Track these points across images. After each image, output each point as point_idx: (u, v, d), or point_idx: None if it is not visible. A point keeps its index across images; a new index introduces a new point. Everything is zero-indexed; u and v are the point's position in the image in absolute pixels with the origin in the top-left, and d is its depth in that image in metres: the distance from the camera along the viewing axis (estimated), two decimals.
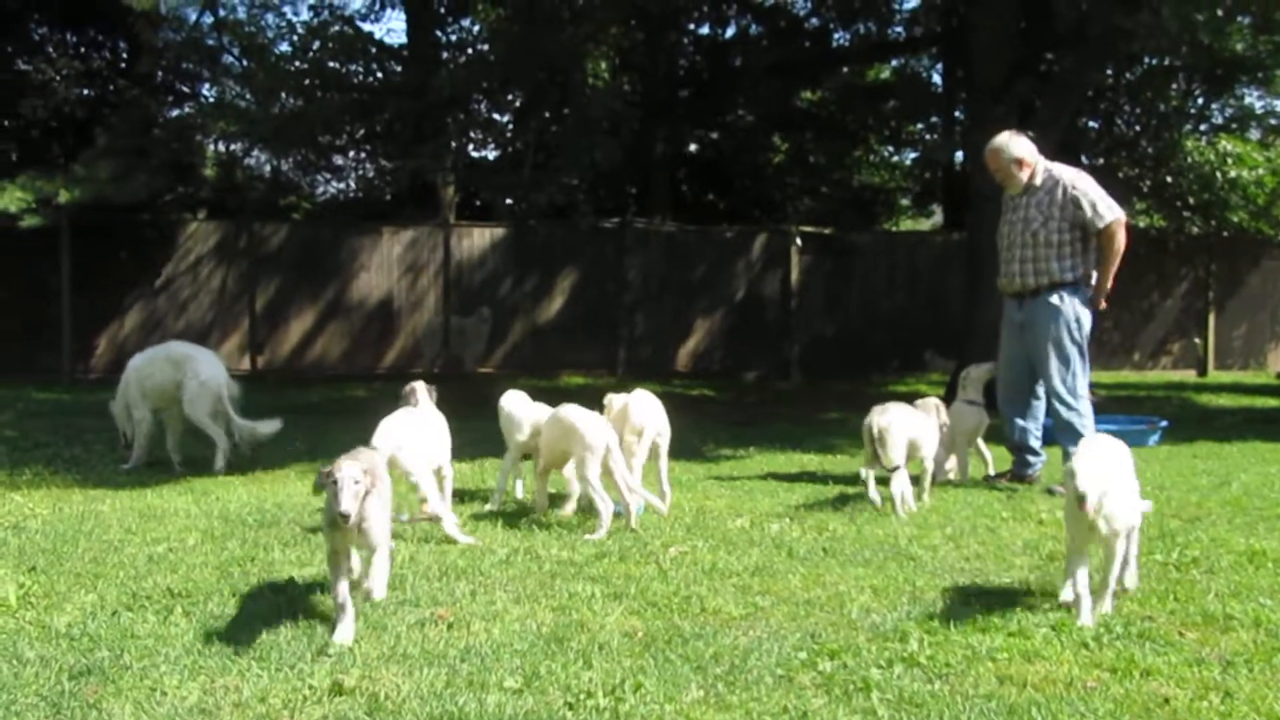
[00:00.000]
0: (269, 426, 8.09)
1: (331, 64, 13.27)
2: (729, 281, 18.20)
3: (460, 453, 8.56)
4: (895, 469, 6.16)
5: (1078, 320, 7.00)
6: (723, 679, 3.41)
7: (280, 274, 16.85)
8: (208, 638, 3.86)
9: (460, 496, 6.54)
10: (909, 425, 6.44)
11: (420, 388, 6.39)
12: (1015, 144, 7.06)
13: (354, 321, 17.08)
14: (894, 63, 21.96)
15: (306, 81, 13.19)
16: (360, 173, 19.48)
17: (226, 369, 8.50)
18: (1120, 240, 6.93)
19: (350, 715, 3.15)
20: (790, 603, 4.27)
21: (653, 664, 3.54)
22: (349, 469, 3.88)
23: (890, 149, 23.18)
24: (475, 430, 7.81)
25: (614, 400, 6.49)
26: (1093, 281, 7.05)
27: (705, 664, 3.54)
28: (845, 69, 20.66)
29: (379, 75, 13.43)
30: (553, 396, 6.84)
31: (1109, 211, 6.88)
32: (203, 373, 8.02)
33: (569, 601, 4.27)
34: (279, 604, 4.27)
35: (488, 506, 6.28)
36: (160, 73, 18.97)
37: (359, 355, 17.10)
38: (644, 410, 6.31)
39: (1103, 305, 7.13)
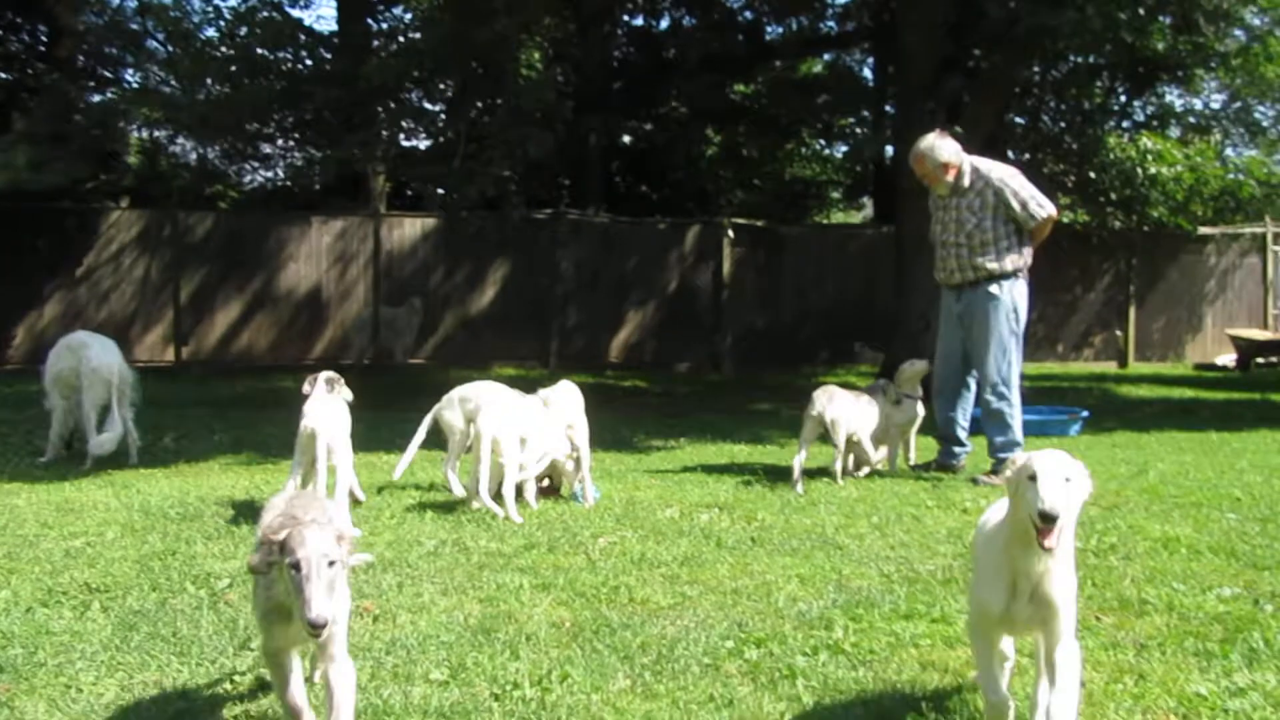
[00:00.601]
0: (108, 439, 7.65)
1: (259, 50, 13.05)
2: (662, 273, 18.24)
3: (392, 444, 8.54)
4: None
5: (1015, 310, 7.10)
6: (650, 668, 3.42)
7: (206, 264, 16.57)
8: (126, 633, 3.79)
9: (395, 487, 6.49)
10: (853, 412, 6.88)
11: (320, 379, 6.22)
12: (940, 147, 7.12)
13: (282, 312, 16.86)
14: (826, 57, 22.14)
15: (233, 68, 12.97)
16: (289, 161, 19.18)
17: (125, 358, 8.12)
18: (1047, 232, 7.08)
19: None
20: (718, 592, 4.29)
21: (580, 654, 3.54)
22: (316, 543, 2.58)
23: (822, 142, 23.35)
24: (410, 420, 7.68)
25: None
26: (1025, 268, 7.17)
27: (633, 654, 3.55)
28: (778, 63, 20.77)
29: (308, 63, 13.24)
30: None
31: (1040, 209, 6.99)
32: (93, 359, 7.74)
33: (497, 593, 4.26)
34: (201, 598, 4.21)
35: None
36: (81, 57, 18.53)
37: (287, 346, 16.88)
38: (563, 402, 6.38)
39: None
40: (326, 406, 5.77)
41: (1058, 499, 2.70)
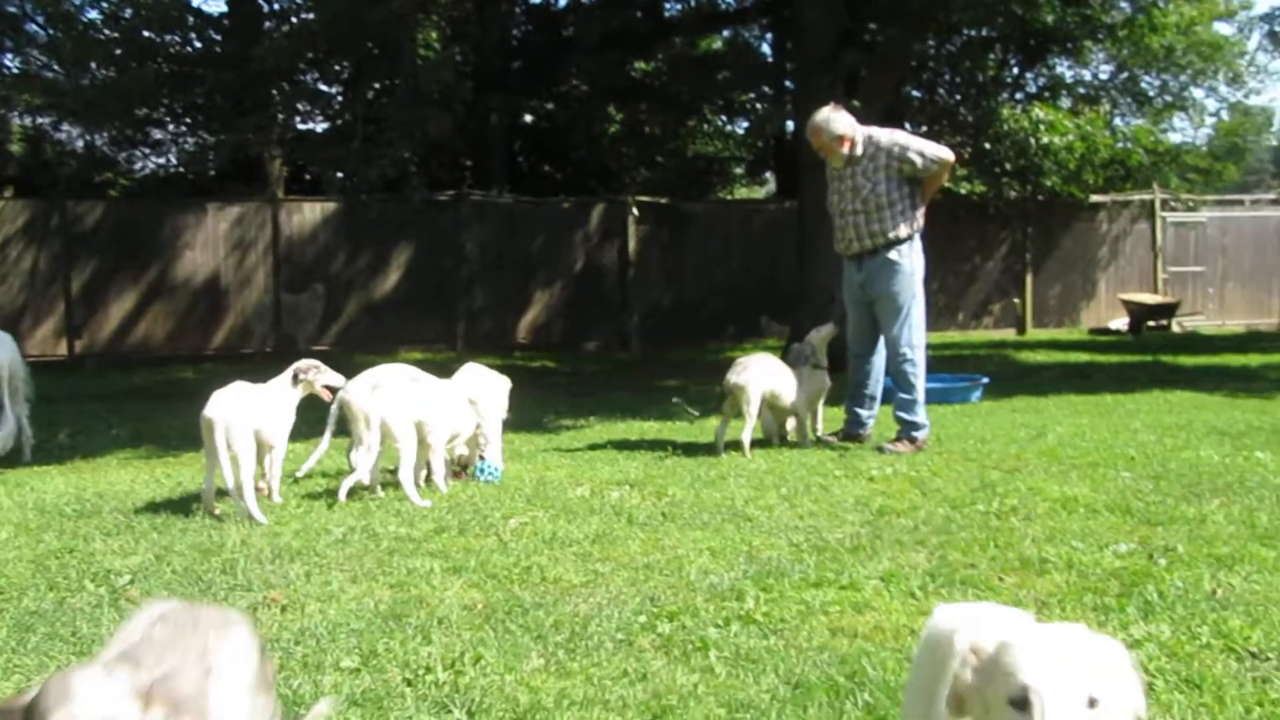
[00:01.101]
0: (1, 437, 7.43)
1: (146, 33, 12.68)
2: (567, 253, 18.20)
3: (296, 432, 8.39)
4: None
5: (914, 273, 7.20)
6: (563, 646, 3.42)
7: (98, 254, 16.10)
8: (23, 634, 3.67)
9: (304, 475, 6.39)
10: (767, 379, 7.04)
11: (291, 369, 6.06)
12: (836, 120, 7.20)
13: (179, 301, 16.46)
14: (725, 33, 22.21)
15: (118, 51, 12.58)
16: (181, 147, 18.70)
17: (20, 352, 7.86)
18: (944, 178, 7.37)
19: None
20: (630, 568, 4.31)
21: (493, 635, 3.52)
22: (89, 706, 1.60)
23: (723, 119, 23.45)
24: (317, 409, 7.55)
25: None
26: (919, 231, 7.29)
27: (546, 633, 3.54)
28: (678, 40, 20.79)
29: (197, 45, 12.90)
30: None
31: (939, 153, 7.15)
32: None
33: (407, 578, 4.22)
34: (101, 595, 4.11)
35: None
36: None
37: (185, 336, 16.50)
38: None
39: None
40: (239, 395, 5.63)
41: None
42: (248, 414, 5.56)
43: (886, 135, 7.22)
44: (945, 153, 7.23)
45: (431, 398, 6.06)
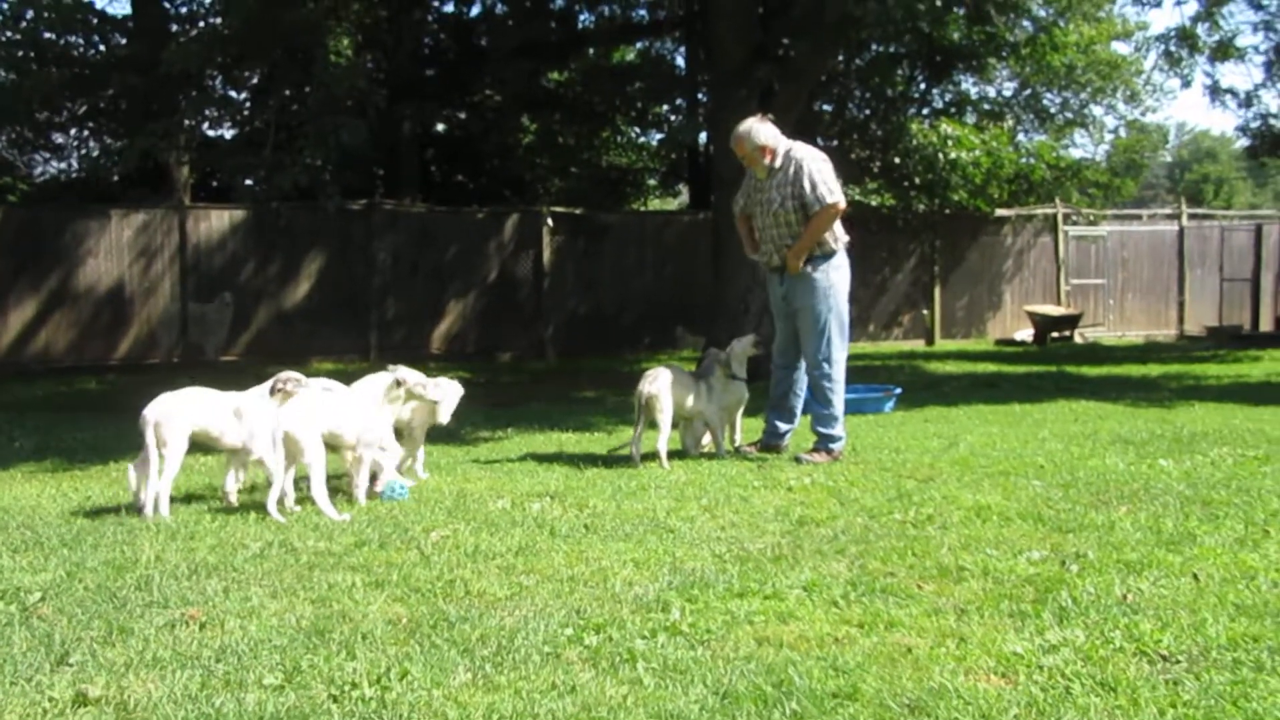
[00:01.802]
0: None
1: (48, 35, 12.35)
2: (482, 263, 18.12)
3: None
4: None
5: (832, 288, 7.26)
6: (490, 660, 3.40)
7: None
8: None
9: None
10: (678, 388, 7.08)
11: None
12: (759, 130, 7.26)
13: (82, 310, 16.06)
14: (640, 45, 22.32)
15: (20, 54, 12.23)
16: (84, 152, 18.24)
17: None
18: (826, 221, 7.10)
19: None
20: (555, 580, 4.30)
21: (418, 650, 3.49)
22: None
23: (637, 130, 23.55)
24: None
25: None
26: (842, 246, 7.34)
27: (472, 646, 3.52)
28: (591, 50, 20.84)
29: (101, 48, 12.60)
30: None
31: (828, 195, 7.07)
32: None
33: (329, 593, 4.16)
34: (11, 614, 3.98)
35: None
36: None
37: (89, 345, 16.10)
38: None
39: (795, 268, 7.22)
40: (185, 397, 5.84)
41: None
42: (186, 415, 5.56)
43: (807, 155, 7.24)
44: (836, 197, 7.11)
45: (342, 408, 5.99)
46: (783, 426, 7.59)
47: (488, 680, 3.26)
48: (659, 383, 6.99)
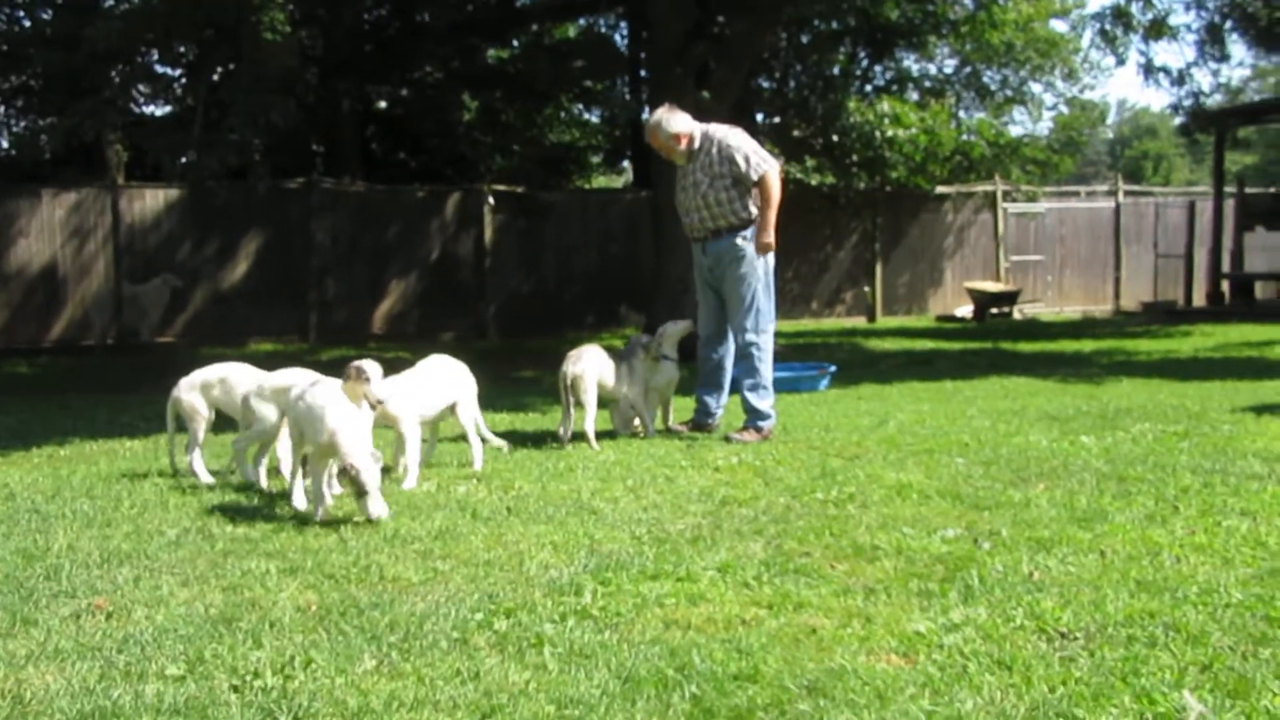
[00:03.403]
0: None
1: None
2: (423, 242, 18.02)
3: (135, 429, 8.16)
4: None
5: (758, 260, 7.26)
6: (397, 647, 3.39)
7: None
8: None
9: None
10: (599, 368, 7.03)
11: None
12: (670, 120, 7.25)
13: (13, 292, 15.78)
14: (581, 21, 22.19)
15: None
16: (12, 129, 17.85)
17: None
18: (774, 188, 7.12)
19: None
20: (471, 564, 4.29)
21: (325, 638, 3.47)
22: None
23: (580, 107, 23.44)
24: (158, 402, 7.31)
25: None
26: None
27: (380, 633, 3.51)
28: (534, 27, 20.68)
29: (25, 24, 12.30)
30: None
31: (761, 164, 7.14)
32: None
33: (241, 580, 4.13)
34: None
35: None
36: None
37: (20, 328, 15.83)
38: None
39: (770, 249, 7.23)
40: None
41: None
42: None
43: (722, 131, 7.25)
44: (770, 165, 7.17)
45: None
46: (713, 404, 7.60)
47: (393, 668, 3.25)
48: (581, 363, 6.98)
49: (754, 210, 7.21)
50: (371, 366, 5.49)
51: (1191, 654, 3.18)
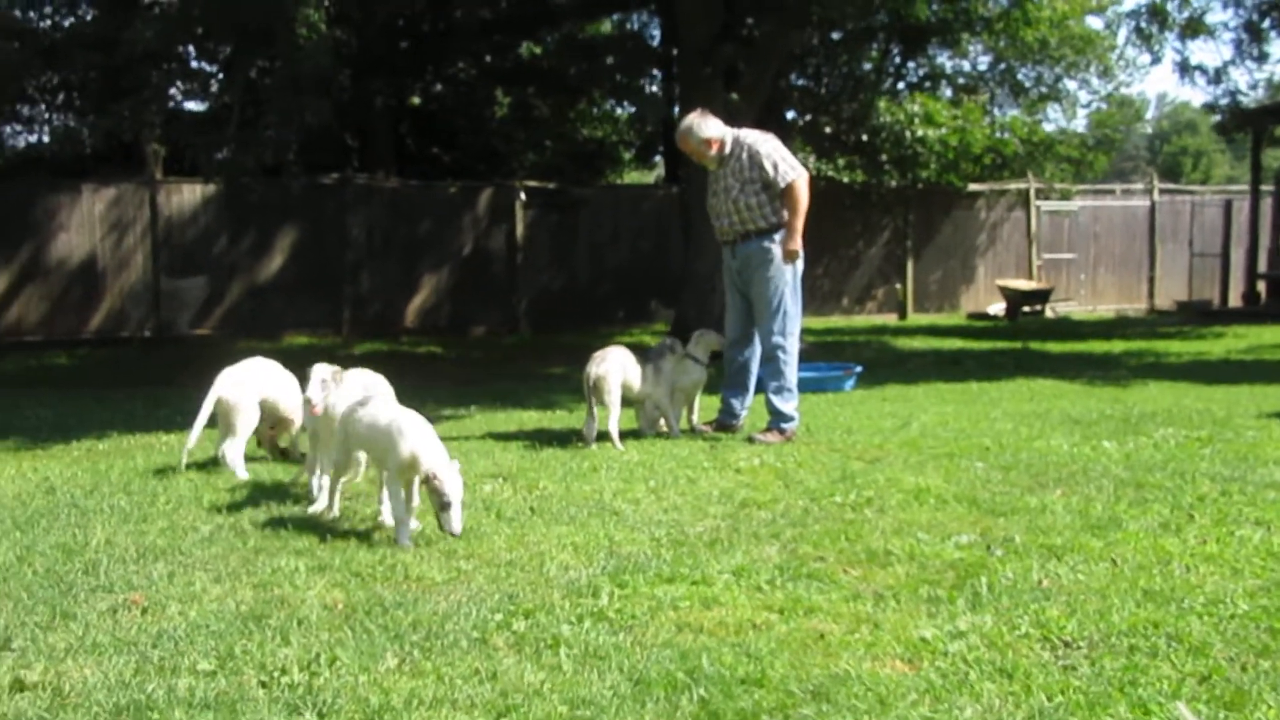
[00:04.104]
0: None
1: (13, 11, 12.28)
2: (455, 237, 18.17)
3: (172, 423, 8.34)
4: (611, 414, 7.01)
5: (787, 263, 7.35)
6: (419, 645, 3.51)
7: None
8: None
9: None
10: (624, 369, 7.15)
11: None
12: (702, 125, 7.33)
13: (53, 284, 16.08)
14: (615, 17, 22.26)
15: None
16: (54, 126, 18.15)
17: None
18: (802, 196, 7.21)
19: (30, 712, 3.07)
20: (493, 565, 4.41)
21: (350, 636, 3.60)
22: None
23: (612, 102, 23.51)
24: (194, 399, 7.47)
25: None
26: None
27: (403, 632, 3.63)
28: (565, 24, 20.77)
29: (66, 24, 12.51)
30: (274, 358, 6.77)
31: (790, 171, 7.24)
32: None
33: (271, 577, 4.26)
34: None
35: None
36: None
37: (60, 319, 16.12)
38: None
39: (797, 256, 7.33)
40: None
41: None
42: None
43: (754, 137, 7.34)
44: (799, 173, 7.25)
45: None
46: (738, 406, 7.68)
47: (414, 666, 3.37)
48: (605, 365, 7.08)
49: (783, 215, 7.29)
50: (320, 369, 5.58)
51: (1192, 665, 3.25)
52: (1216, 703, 2.99)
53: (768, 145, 7.29)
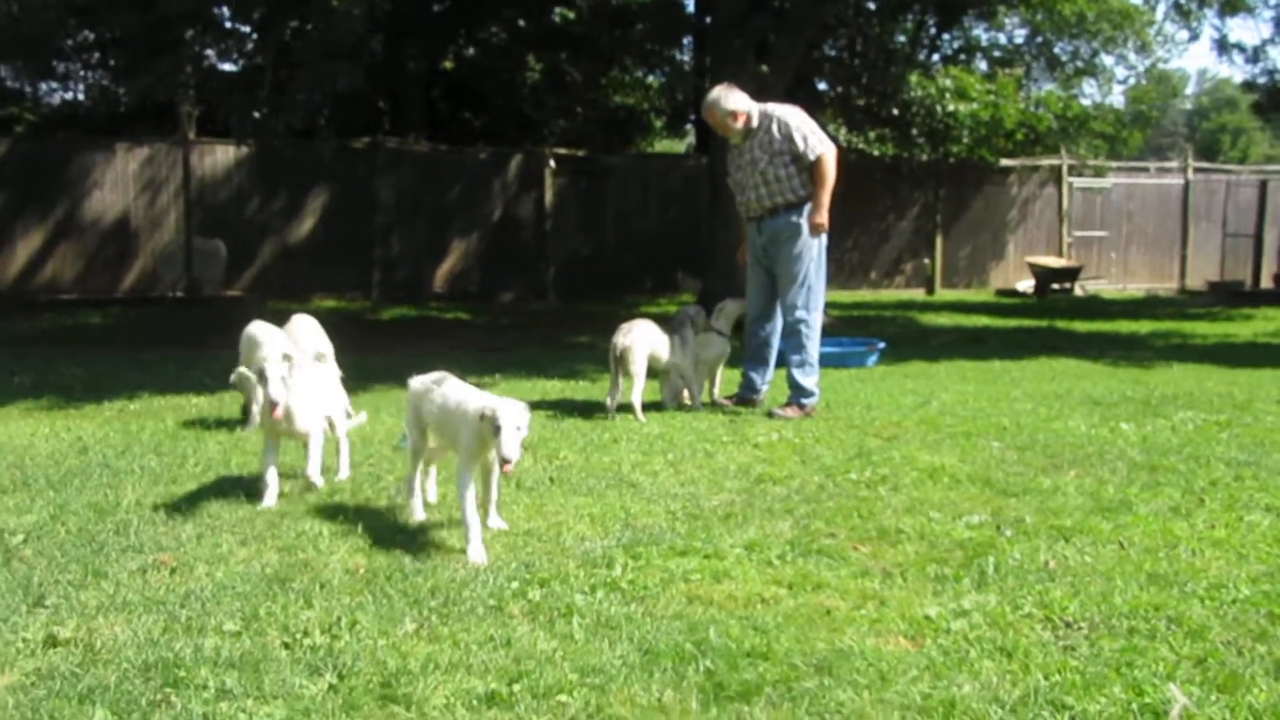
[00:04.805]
0: None
1: None
2: (485, 203, 18.26)
3: (202, 385, 8.48)
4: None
5: (813, 239, 7.38)
6: (437, 611, 3.62)
7: (2, 191, 15.87)
8: None
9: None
10: (650, 341, 7.23)
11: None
12: (728, 98, 7.37)
13: (87, 242, 16.31)
14: None
15: None
16: (90, 81, 18.34)
17: None
18: (830, 169, 7.25)
19: (62, 667, 3.20)
20: (511, 534, 4.51)
21: (371, 600, 3.71)
22: None
23: (644, 70, 23.47)
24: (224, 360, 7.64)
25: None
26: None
27: (422, 598, 3.74)
28: None
29: None
30: None
31: (819, 145, 7.27)
32: None
33: (296, 541, 4.38)
34: None
35: None
36: None
37: (94, 277, 16.36)
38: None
39: (824, 229, 7.37)
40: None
41: None
42: None
43: (780, 111, 7.38)
44: (828, 146, 7.29)
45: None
46: (759, 380, 7.74)
47: (431, 631, 3.48)
48: (632, 335, 7.17)
49: (811, 189, 7.32)
50: (274, 364, 5.02)
51: (1189, 648, 3.31)
52: (1209, 685, 3.06)
53: (797, 118, 7.33)
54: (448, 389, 4.63)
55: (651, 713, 2.93)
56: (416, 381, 4.83)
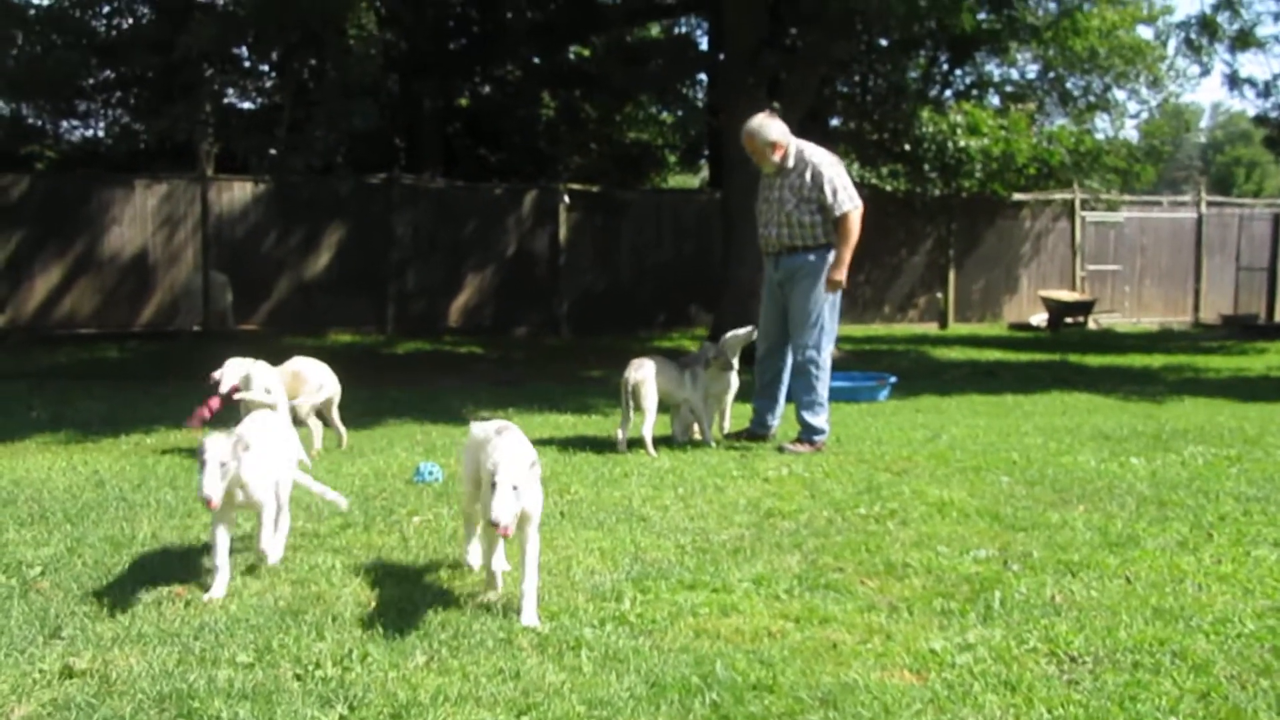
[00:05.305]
0: None
1: (72, 11, 12.61)
2: (500, 238, 18.39)
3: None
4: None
5: (829, 293, 7.45)
6: (447, 644, 3.66)
7: (23, 227, 16.08)
8: None
9: None
10: (664, 376, 7.32)
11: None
12: (771, 127, 7.42)
13: (106, 278, 16.47)
14: (663, 22, 22.43)
15: (38, 29, 12.50)
16: (110, 120, 18.58)
17: None
18: (854, 227, 7.32)
19: (78, 698, 3.25)
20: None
21: (382, 633, 3.76)
22: None
23: (658, 106, 23.67)
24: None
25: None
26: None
27: (432, 631, 3.78)
28: (614, 28, 20.95)
29: (123, 25, 12.83)
30: (319, 355, 7.01)
31: (847, 202, 7.31)
32: None
33: (308, 574, 4.43)
34: (11, 587, 4.27)
35: None
36: None
37: (112, 312, 16.50)
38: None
39: (841, 286, 7.44)
40: None
41: None
42: None
43: (819, 157, 7.41)
44: (855, 204, 7.33)
45: None
46: (769, 416, 7.77)
47: (442, 664, 3.52)
48: (643, 370, 7.23)
49: (826, 237, 7.37)
50: (215, 448, 4.16)
51: (1193, 682, 3.33)
52: (1213, 719, 3.08)
53: (832, 170, 7.35)
54: (509, 439, 4.15)
55: None
56: (478, 428, 4.42)
